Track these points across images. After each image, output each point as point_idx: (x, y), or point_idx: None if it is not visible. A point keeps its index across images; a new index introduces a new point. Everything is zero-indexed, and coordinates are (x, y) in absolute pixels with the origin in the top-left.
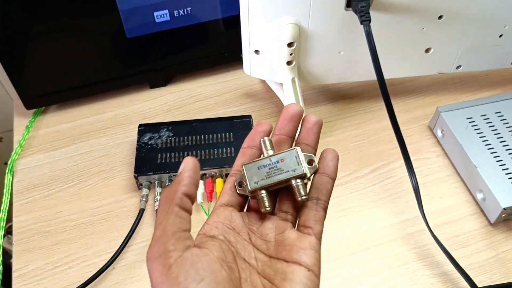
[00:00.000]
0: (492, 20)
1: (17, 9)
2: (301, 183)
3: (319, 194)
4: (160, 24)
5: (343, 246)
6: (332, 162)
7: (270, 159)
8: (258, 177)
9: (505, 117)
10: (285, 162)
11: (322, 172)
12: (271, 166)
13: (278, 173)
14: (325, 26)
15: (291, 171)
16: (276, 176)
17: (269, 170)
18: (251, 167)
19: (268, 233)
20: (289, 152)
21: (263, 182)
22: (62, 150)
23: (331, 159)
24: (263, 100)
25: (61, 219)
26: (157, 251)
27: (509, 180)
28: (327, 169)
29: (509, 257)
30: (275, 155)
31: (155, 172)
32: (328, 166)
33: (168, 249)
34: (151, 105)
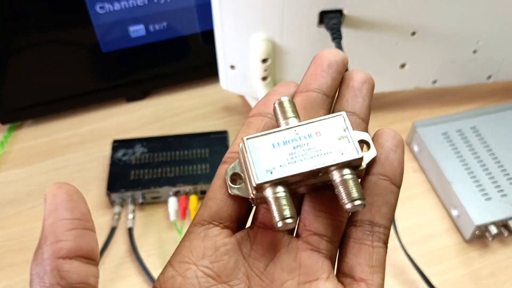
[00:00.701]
0: (465, 36)
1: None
2: (352, 176)
3: (376, 214)
4: (136, 39)
5: None
6: (395, 155)
7: (296, 131)
8: (272, 162)
9: (480, 132)
10: (323, 137)
11: (379, 170)
12: (297, 144)
13: (309, 155)
14: (299, 42)
15: (334, 152)
16: (307, 161)
17: (293, 150)
18: (259, 144)
19: (287, 279)
20: (330, 119)
21: (283, 171)
22: (37, 165)
23: (394, 148)
24: (242, 114)
25: (35, 236)
26: None
27: (483, 197)
28: (387, 165)
29: (482, 274)
30: (303, 124)
31: (128, 189)
32: (389, 160)
33: None
34: (128, 119)
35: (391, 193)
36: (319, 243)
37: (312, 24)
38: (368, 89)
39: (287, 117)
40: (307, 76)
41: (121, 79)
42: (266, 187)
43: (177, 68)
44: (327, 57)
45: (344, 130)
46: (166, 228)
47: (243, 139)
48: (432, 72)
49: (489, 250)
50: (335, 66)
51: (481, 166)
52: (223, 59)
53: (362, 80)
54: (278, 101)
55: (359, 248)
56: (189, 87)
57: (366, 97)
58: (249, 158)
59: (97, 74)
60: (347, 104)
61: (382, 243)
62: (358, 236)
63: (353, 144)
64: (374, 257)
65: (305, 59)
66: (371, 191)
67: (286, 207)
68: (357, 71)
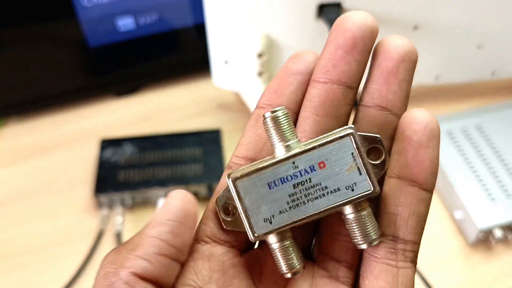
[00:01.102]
0: (469, 31)
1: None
2: (366, 212)
3: (400, 229)
4: (125, 33)
5: None
6: (427, 151)
7: (295, 164)
8: (271, 209)
9: (484, 130)
10: (329, 169)
11: (404, 173)
12: (298, 181)
13: (314, 195)
14: (296, 36)
15: (343, 189)
16: (312, 202)
17: (293, 190)
18: (252, 185)
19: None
20: (336, 144)
21: (284, 219)
22: (21, 167)
23: (425, 142)
24: (236, 112)
25: (15, 242)
26: None
27: (487, 199)
28: (415, 167)
29: (485, 279)
30: (303, 152)
31: (117, 190)
32: (418, 161)
33: None
34: (117, 117)
35: (421, 201)
36: (337, 269)
37: (310, 18)
38: (407, 69)
39: (283, 139)
40: (325, 59)
41: (109, 75)
42: (267, 236)
43: (168, 63)
44: (351, 30)
45: (354, 156)
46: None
47: (229, 178)
48: (434, 68)
49: (494, 254)
50: (361, 43)
51: (485, 166)
52: (216, 54)
53: (399, 55)
54: (271, 115)
55: (381, 269)
56: (181, 83)
57: (404, 83)
58: (243, 205)
59: (85, 70)
60: (376, 94)
61: (409, 262)
62: (380, 254)
63: (365, 175)
64: (399, 280)
65: None
66: (395, 201)
67: (292, 256)
68: (393, 39)
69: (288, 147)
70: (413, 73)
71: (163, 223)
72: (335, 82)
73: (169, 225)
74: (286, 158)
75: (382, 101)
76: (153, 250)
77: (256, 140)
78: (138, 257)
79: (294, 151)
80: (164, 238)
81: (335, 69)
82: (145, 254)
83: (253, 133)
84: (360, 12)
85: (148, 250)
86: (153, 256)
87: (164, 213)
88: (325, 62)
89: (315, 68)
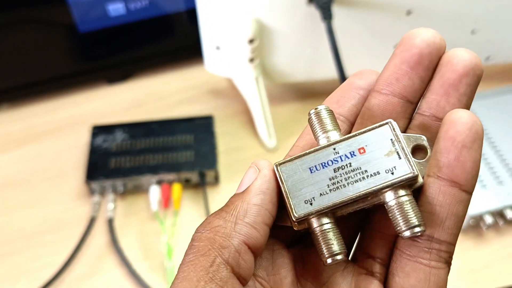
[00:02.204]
0: (463, 16)
1: None
2: (408, 198)
3: (437, 229)
4: (116, 18)
5: None
6: (470, 153)
7: (335, 150)
8: (311, 190)
9: (478, 117)
10: (368, 155)
11: (446, 174)
12: (338, 165)
13: (354, 178)
14: (287, 22)
15: (383, 172)
16: (351, 185)
17: (334, 174)
18: (295, 169)
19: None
20: (375, 130)
21: (324, 201)
22: (12, 153)
23: (469, 143)
24: (229, 98)
25: (7, 229)
26: None
27: (478, 185)
28: (457, 168)
29: (476, 265)
30: (344, 140)
31: (108, 177)
32: (460, 162)
33: None
34: (108, 103)
35: (460, 202)
36: (373, 266)
37: (302, 3)
38: (469, 84)
39: (326, 131)
40: (389, 72)
41: (100, 61)
42: (308, 219)
43: (160, 49)
44: (418, 46)
45: (393, 142)
46: (148, 218)
47: (275, 165)
48: None
49: (484, 240)
50: (427, 61)
51: None
52: (208, 39)
53: (463, 69)
54: (315, 110)
55: (413, 267)
56: (172, 70)
57: (463, 97)
58: (285, 188)
59: (75, 56)
60: (434, 104)
61: (443, 263)
62: (413, 252)
63: (404, 159)
64: (431, 279)
65: (294, 39)
66: (433, 200)
67: (333, 241)
68: (460, 51)
69: (330, 137)
70: (475, 89)
71: (264, 192)
72: (396, 95)
73: (269, 194)
74: (328, 145)
75: (439, 112)
76: (261, 219)
77: (311, 144)
78: (248, 225)
79: (335, 139)
80: (267, 208)
81: (398, 83)
82: (255, 223)
83: (310, 137)
84: (429, 30)
85: (257, 219)
86: (260, 225)
87: (263, 182)
88: (389, 74)
89: (378, 79)
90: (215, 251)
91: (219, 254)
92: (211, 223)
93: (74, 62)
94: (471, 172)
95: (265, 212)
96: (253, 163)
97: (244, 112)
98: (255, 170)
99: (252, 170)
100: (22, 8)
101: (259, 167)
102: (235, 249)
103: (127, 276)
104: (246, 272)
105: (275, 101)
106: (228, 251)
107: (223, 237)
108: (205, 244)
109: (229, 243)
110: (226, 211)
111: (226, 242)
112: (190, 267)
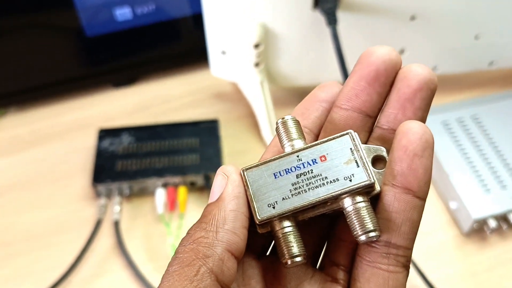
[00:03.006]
0: (466, 21)
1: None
2: (365, 205)
3: (393, 234)
4: (122, 23)
5: None
6: (421, 161)
7: (298, 157)
8: (274, 194)
9: (481, 121)
10: (329, 162)
11: (399, 182)
12: (301, 172)
13: (314, 184)
14: (292, 27)
15: (342, 179)
16: (312, 191)
17: (296, 180)
18: (260, 174)
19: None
20: (336, 140)
21: (285, 205)
22: (19, 156)
23: (420, 152)
24: (233, 102)
25: (14, 231)
26: None
27: (482, 189)
28: (410, 176)
29: (479, 269)
30: (307, 148)
31: (115, 180)
32: (412, 169)
33: None
34: (114, 107)
35: (414, 208)
36: (337, 273)
37: (306, 8)
38: (424, 98)
39: (291, 139)
40: (348, 88)
41: (107, 65)
42: (271, 222)
43: (166, 53)
44: (374, 63)
45: (352, 151)
46: (154, 221)
47: (241, 170)
48: (432, 59)
49: (488, 244)
50: (383, 77)
51: (481, 157)
52: (213, 44)
53: (417, 84)
54: (282, 120)
55: (372, 272)
56: (178, 74)
57: (419, 111)
58: (250, 192)
59: (82, 59)
60: (392, 118)
61: (400, 267)
62: (372, 258)
63: (362, 167)
64: (390, 283)
65: (299, 44)
66: (389, 207)
67: (293, 244)
68: (414, 67)
69: (295, 145)
70: (430, 102)
71: (237, 196)
72: (355, 110)
73: (242, 198)
74: (291, 152)
75: (396, 125)
76: (239, 224)
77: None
78: (229, 231)
79: (299, 147)
80: (243, 211)
81: (357, 98)
82: (234, 228)
83: (277, 149)
84: (385, 47)
85: (236, 224)
86: (240, 230)
87: (234, 187)
88: (349, 90)
89: (339, 95)
90: (199, 261)
91: (204, 264)
92: (193, 236)
93: (81, 65)
94: (423, 179)
95: (241, 216)
96: (220, 170)
97: (249, 115)
98: (224, 177)
99: (221, 177)
100: (30, 12)
101: (226, 173)
102: (219, 257)
103: (133, 278)
104: (229, 279)
105: (279, 104)
106: (212, 260)
107: (206, 247)
108: (189, 255)
109: (212, 251)
110: (205, 222)
111: (210, 251)
112: (175, 276)
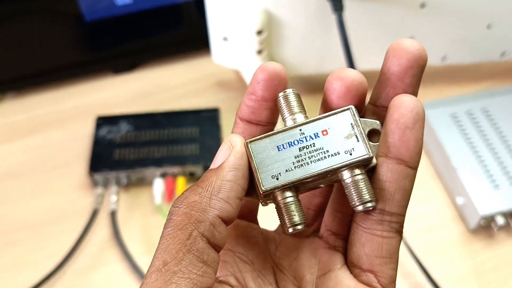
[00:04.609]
0: (478, 10)
1: None
2: (362, 177)
3: (387, 202)
4: (122, 7)
5: None
6: (412, 133)
7: (301, 131)
8: (278, 166)
9: (491, 114)
10: (331, 136)
11: (392, 153)
12: (303, 145)
13: (316, 157)
14: (297, 13)
15: (342, 153)
16: (314, 163)
17: (299, 152)
18: (263, 147)
19: (307, 274)
20: (337, 115)
21: (289, 176)
22: (17, 143)
23: (411, 124)
24: (236, 91)
25: (10, 219)
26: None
27: (490, 185)
28: (402, 147)
29: (486, 267)
30: (309, 122)
31: (112, 169)
32: (404, 141)
33: None
34: (114, 93)
35: (406, 177)
36: (335, 241)
37: None
38: (414, 75)
39: (292, 113)
40: (327, 100)
41: (106, 51)
42: (273, 193)
43: (167, 39)
44: (348, 78)
45: (352, 126)
46: (151, 211)
47: (246, 142)
48: (441, 48)
49: (495, 241)
50: (354, 91)
51: (490, 151)
52: (215, 30)
53: (407, 62)
54: (283, 93)
55: (367, 238)
56: (179, 60)
57: (409, 87)
58: (254, 163)
59: (81, 45)
60: (382, 96)
61: (394, 233)
62: (367, 225)
63: (362, 142)
64: (384, 247)
65: (304, 31)
66: (383, 177)
67: (295, 213)
68: (404, 45)
69: (296, 119)
70: (420, 77)
71: (236, 168)
72: None
73: (241, 170)
74: (294, 126)
75: (388, 103)
76: (233, 194)
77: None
78: (222, 200)
79: (301, 121)
80: (240, 183)
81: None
82: (228, 198)
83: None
84: (350, 70)
85: (230, 194)
86: (233, 200)
87: (236, 159)
88: (327, 101)
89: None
90: (192, 225)
91: (195, 228)
92: (187, 198)
93: (80, 51)
94: (415, 150)
95: (237, 187)
96: (227, 139)
97: None
98: (229, 147)
99: (226, 146)
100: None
101: (232, 143)
102: (210, 223)
103: (129, 269)
104: (220, 242)
105: None
106: (204, 225)
107: (199, 212)
108: (182, 219)
109: (204, 217)
110: (201, 186)
111: (202, 217)
112: (169, 239)
